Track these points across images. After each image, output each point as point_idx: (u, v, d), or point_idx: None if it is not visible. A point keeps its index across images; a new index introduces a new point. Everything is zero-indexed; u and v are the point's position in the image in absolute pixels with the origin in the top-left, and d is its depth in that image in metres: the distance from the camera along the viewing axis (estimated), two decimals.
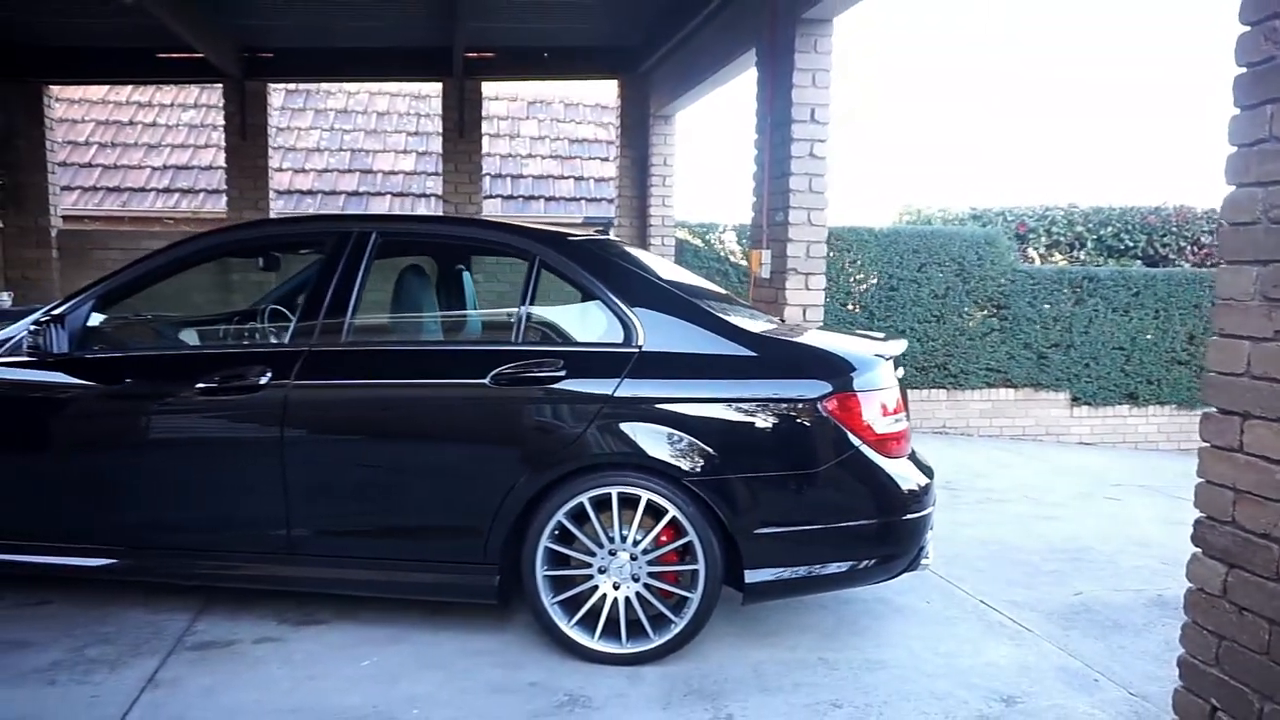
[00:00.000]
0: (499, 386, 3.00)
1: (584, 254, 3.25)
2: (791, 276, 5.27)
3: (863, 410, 2.99)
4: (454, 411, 3.06)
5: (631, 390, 2.97)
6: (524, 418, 3.02)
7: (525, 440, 3.01)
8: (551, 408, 3.01)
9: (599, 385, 2.98)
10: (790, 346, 3.16)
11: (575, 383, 2.99)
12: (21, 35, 7.53)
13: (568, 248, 3.26)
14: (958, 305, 8.91)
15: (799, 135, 5.19)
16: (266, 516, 3.10)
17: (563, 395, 2.99)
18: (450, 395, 3.07)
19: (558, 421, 3.00)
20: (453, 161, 8.57)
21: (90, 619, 3.26)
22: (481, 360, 3.06)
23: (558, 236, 3.33)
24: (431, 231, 3.57)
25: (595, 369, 3.01)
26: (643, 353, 3.02)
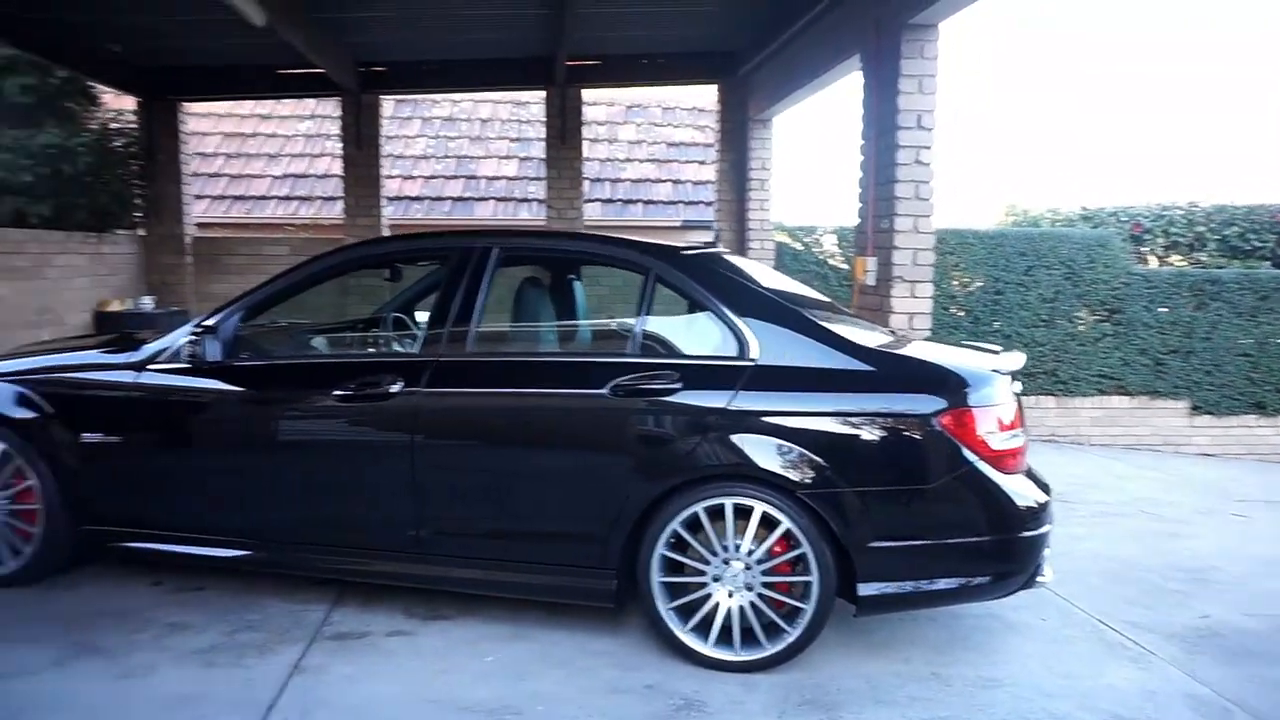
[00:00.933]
0: (617, 397, 3.11)
1: (698, 268, 3.33)
2: (897, 284, 5.23)
3: (978, 426, 2.98)
4: (573, 420, 3.18)
5: (746, 403, 3.03)
6: (641, 428, 3.12)
7: (642, 450, 3.11)
8: (668, 419, 3.10)
9: (714, 398, 3.06)
10: (906, 362, 3.17)
11: (691, 395, 3.07)
12: (160, 57, 8.06)
13: (682, 262, 3.34)
14: (1068, 309, 8.64)
15: (905, 142, 5.14)
16: (397, 517, 3.29)
17: (679, 407, 3.08)
18: (570, 405, 3.20)
19: (673, 433, 3.09)
20: (555, 167, 8.77)
21: (239, 606, 3.52)
22: (600, 371, 3.17)
23: (672, 251, 3.42)
24: (553, 247, 3.72)
25: (710, 382, 3.09)
26: (757, 366, 3.08)
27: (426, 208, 10.73)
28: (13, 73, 6.74)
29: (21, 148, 6.73)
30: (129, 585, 3.70)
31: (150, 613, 3.43)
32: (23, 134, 6.79)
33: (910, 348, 3.43)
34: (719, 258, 3.57)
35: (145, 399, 3.50)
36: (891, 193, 5.21)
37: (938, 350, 3.49)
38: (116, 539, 3.57)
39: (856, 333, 3.31)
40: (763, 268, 3.93)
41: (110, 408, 3.53)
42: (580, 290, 4.37)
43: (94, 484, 3.54)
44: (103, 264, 7.74)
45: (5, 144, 6.68)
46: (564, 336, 3.72)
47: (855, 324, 3.60)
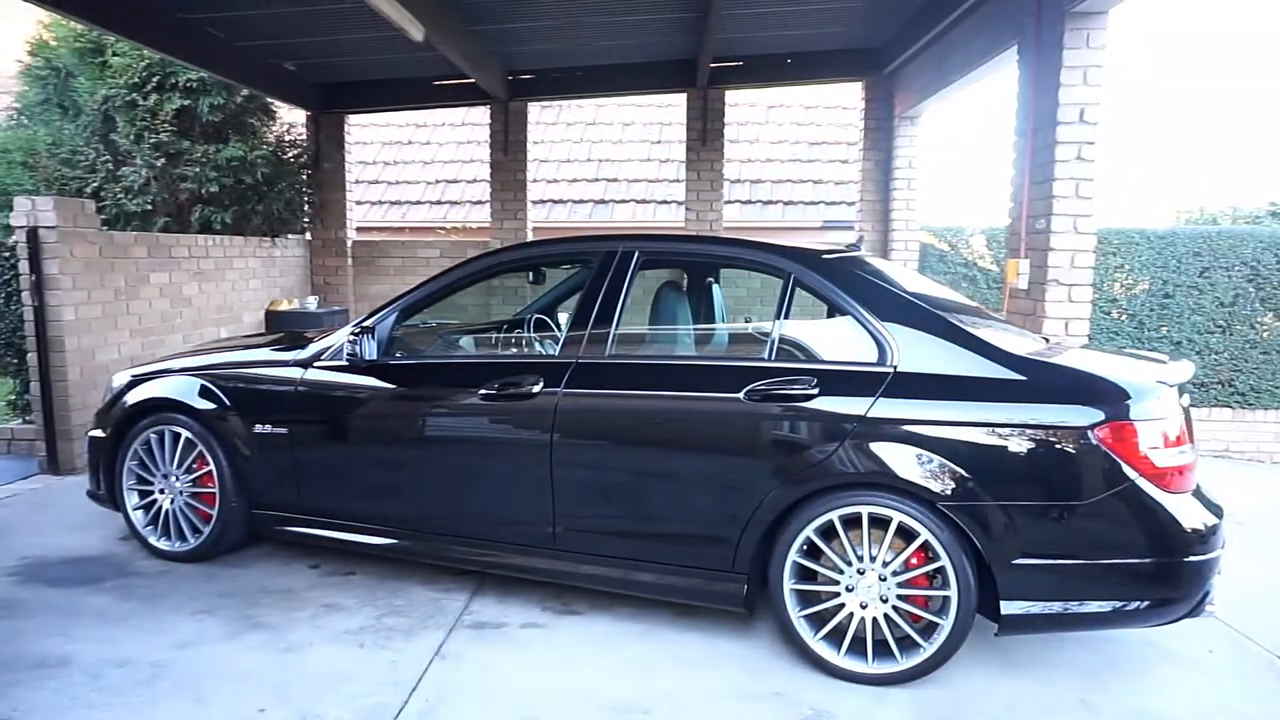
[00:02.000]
0: (752, 402, 3.09)
1: (838, 272, 3.27)
2: (1052, 288, 4.96)
3: (1140, 441, 2.79)
4: (708, 424, 3.19)
5: (885, 410, 2.96)
6: (775, 433, 3.10)
7: (776, 455, 3.08)
8: (803, 425, 3.06)
9: (852, 404, 3.00)
10: (1060, 371, 3.00)
11: (827, 401, 3.03)
12: (327, 74, 8.64)
13: (822, 266, 3.29)
14: (1249, 314, 7.93)
15: (1065, 138, 4.86)
16: (535, 512, 3.40)
17: (814, 413, 3.04)
18: (705, 408, 3.21)
19: (809, 439, 3.05)
20: (695, 170, 8.80)
21: (386, 591, 3.73)
22: (736, 375, 3.17)
23: (813, 255, 3.37)
24: (693, 250, 3.75)
25: (848, 388, 3.03)
26: (898, 373, 3.00)
27: (569, 210, 11.00)
28: (204, 94, 7.38)
29: (210, 161, 7.36)
30: (291, 567, 3.99)
31: (308, 593, 3.69)
32: (212, 148, 7.43)
33: (1065, 355, 3.25)
34: (860, 261, 3.50)
35: (309, 394, 3.76)
36: (1049, 191, 4.94)
37: (1096, 358, 3.29)
38: (281, 523, 3.86)
39: (1006, 339, 3.17)
40: (906, 271, 3.82)
41: (279, 402, 3.82)
42: (719, 293, 4.38)
43: (264, 472, 3.85)
44: (274, 266, 8.36)
45: (197, 157, 7.32)
46: (701, 340, 3.74)
47: (1005, 329, 3.44)
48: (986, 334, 3.12)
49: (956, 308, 3.45)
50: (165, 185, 7.37)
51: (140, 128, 7.18)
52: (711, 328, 3.94)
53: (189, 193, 7.44)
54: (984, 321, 3.45)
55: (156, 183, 7.33)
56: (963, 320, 3.18)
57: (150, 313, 6.44)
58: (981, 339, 3.03)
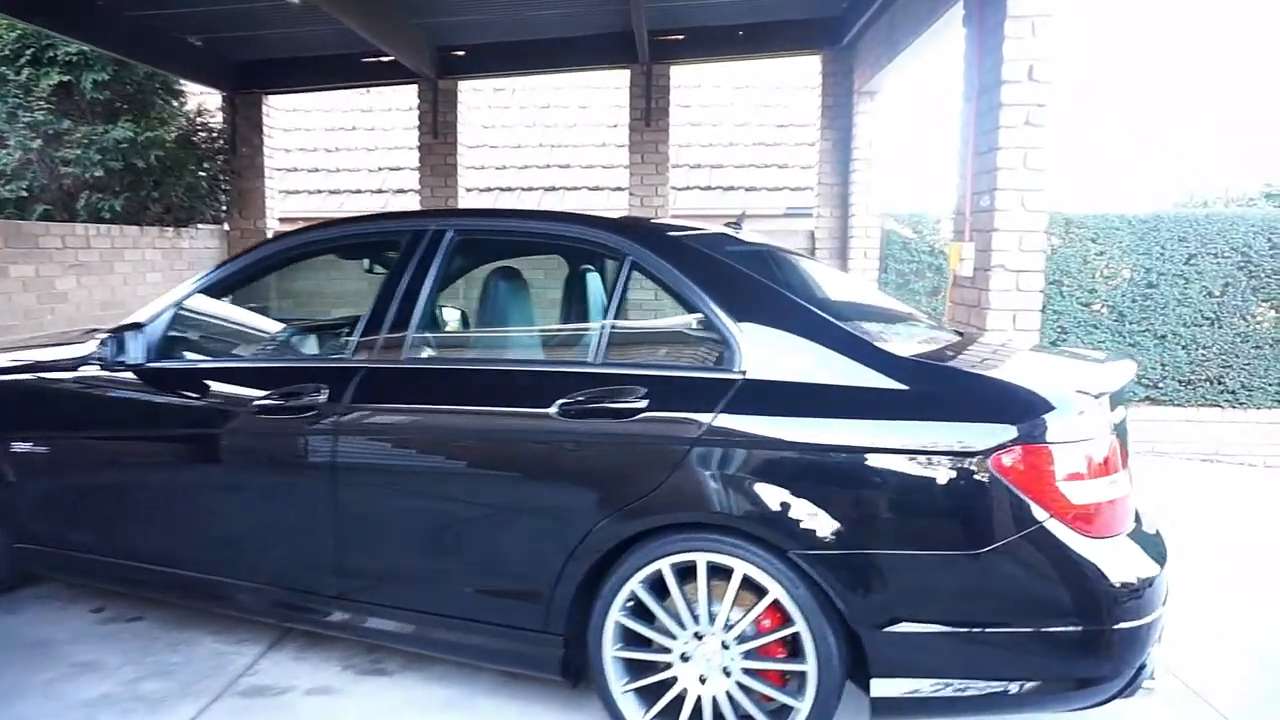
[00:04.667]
0: (565, 419, 2.43)
1: (688, 254, 2.60)
2: (997, 275, 4.27)
3: (1053, 470, 2.12)
4: (511, 447, 2.53)
5: (727, 429, 2.29)
6: (592, 459, 2.44)
7: (593, 487, 2.42)
8: (626, 447, 2.40)
9: (686, 421, 2.34)
10: (953, 378, 2.33)
11: (657, 416, 2.36)
12: (242, 51, 7.99)
13: (667, 247, 2.62)
14: (1240, 305, 7.24)
15: (1011, 99, 4.18)
16: (314, 553, 2.74)
17: (640, 433, 2.37)
18: (509, 426, 2.55)
19: (633, 466, 2.38)
20: (639, 152, 8.13)
21: (167, 644, 3.08)
22: (547, 385, 2.50)
23: (656, 232, 2.71)
24: (513, 229, 3.00)
25: (684, 400, 2.37)
26: (746, 381, 2.33)
27: (516, 198, 10.33)
28: (87, 68, 6.73)
29: (95, 143, 6.71)
30: (69, 611, 3.34)
31: (68, 647, 3.04)
32: (98, 129, 6.78)
33: (970, 356, 2.58)
34: (722, 240, 2.82)
35: (68, 404, 3.11)
36: (993, 162, 4.26)
37: (1019, 360, 2.63)
38: (41, 559, 3.21)
39: (911, 340, 2.53)
40: (803, 259, 3.15)
41: (39, 414, 3.18)
42: (596, 284, 3.70)
43: (26, 499, 3.20)
44: (180, 259, 7.71)
45: (78, 139, 6.68)
46: (523, 341, 3.04)
47: (925, 331, 2.80)
48: (876, 334, 2.45)
49: (854, 308, 2.80)
50: (46, 169, 6.73)
51: (13, 105, 6.52)
52: (527, 329, 3.14)
53: (73, 178, 6.79)
54: (904, 326, 2.81)
55: (35, 166, 6.68)
56: (854, 321, 2.52)
57: (9, 309, 5.80)
58: (856, 338, 2.35)
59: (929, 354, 2.46)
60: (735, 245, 2.83)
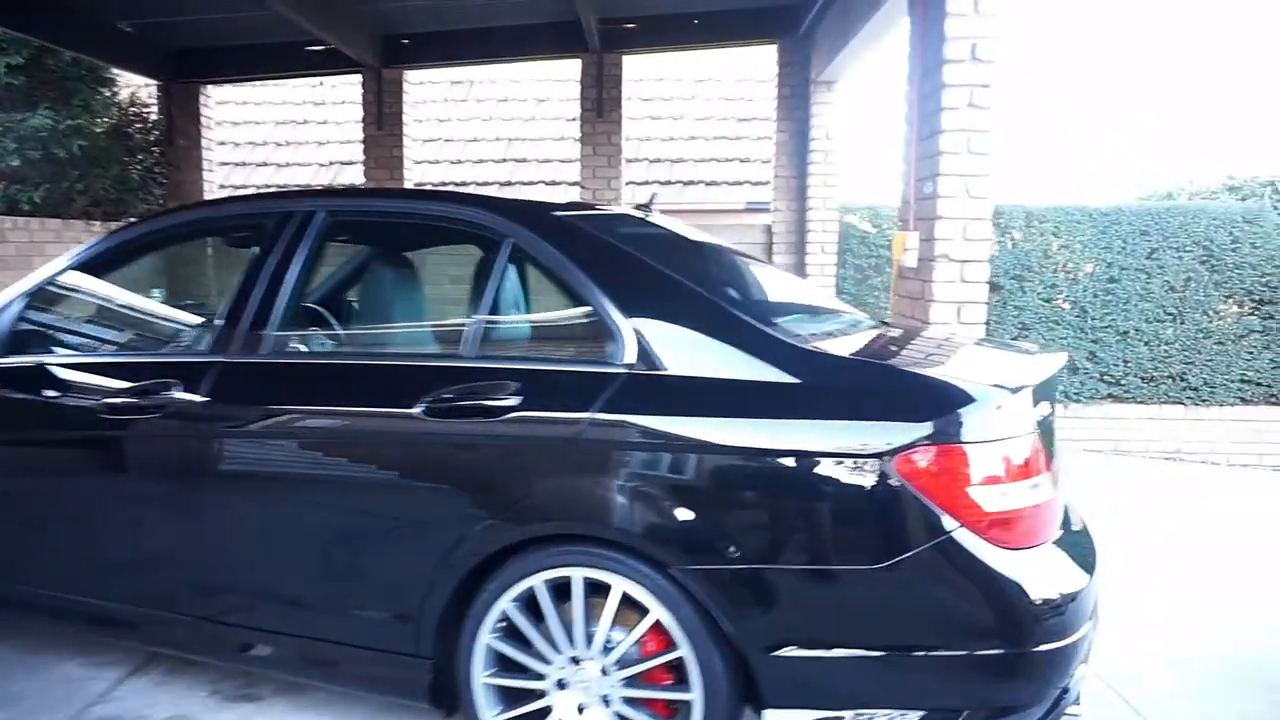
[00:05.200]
0: (432, 418, 2.17)
1: (574, 236, 2.35)
2: (941, 265, 4.05)
3: (965, 473, 1.88)
4: (374, 451, 2.26)
5: (605, 429, 2.05)
6: (459, 463, 2.18)
7: (460, 495, 2.16)
8: (496, 451, 2.14)
9: (561, 421, 2.09)
10: (852, 369, 2.09)
11: (530, 416, 2.11)
12: (178, 38, 7.67)
13: (552, 227, 2.37)
14: (1202, 300, 7.08)
15: (955, 79, 3.96)
16: (168, 572, 2.47)
17: (511, 434, 2.12)
18: (370, 429, 2.28)
19: (503, 471, 2.13)
20: (590, 144, 7.88)
21: (25, 669, 2.80)
22: (413, 382, 2.24)
23: (538, 212, 2.45)
24: (383, 209, 2.71)
25: (560, 397, 2.12)
26: (630, 376, 2.08)
27: None
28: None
29: (10, 131, 6.38)
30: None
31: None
32: (13, 117, 6.45)
33: (881, 349, 2.35)
34: (618, 221, 2.58)
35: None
36: (936, 147, 4.04)
37: (939, 353, 2.40)
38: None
39: (814, 331, 2.30)
40: (715, 244, 2.90)
41: None
42: (513, 275, 3.42)
43: None
44: None
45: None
46: (391, 334, 2.72)
47: (843, 323, 2.58)
48: (780, 322, 2.22)
49: (756, 290, 2.56)
50: None
51: None
52: (407, 320, 2.82)
53: None
54: (821, 318, 2.58)
55: None
56: (749, 304, 2.30)
57: None
58: (749, 326, 2.11)
59: (834, 346, 2.22)
60: (633, 228, 2.58)
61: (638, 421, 2.04)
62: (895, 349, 2.41)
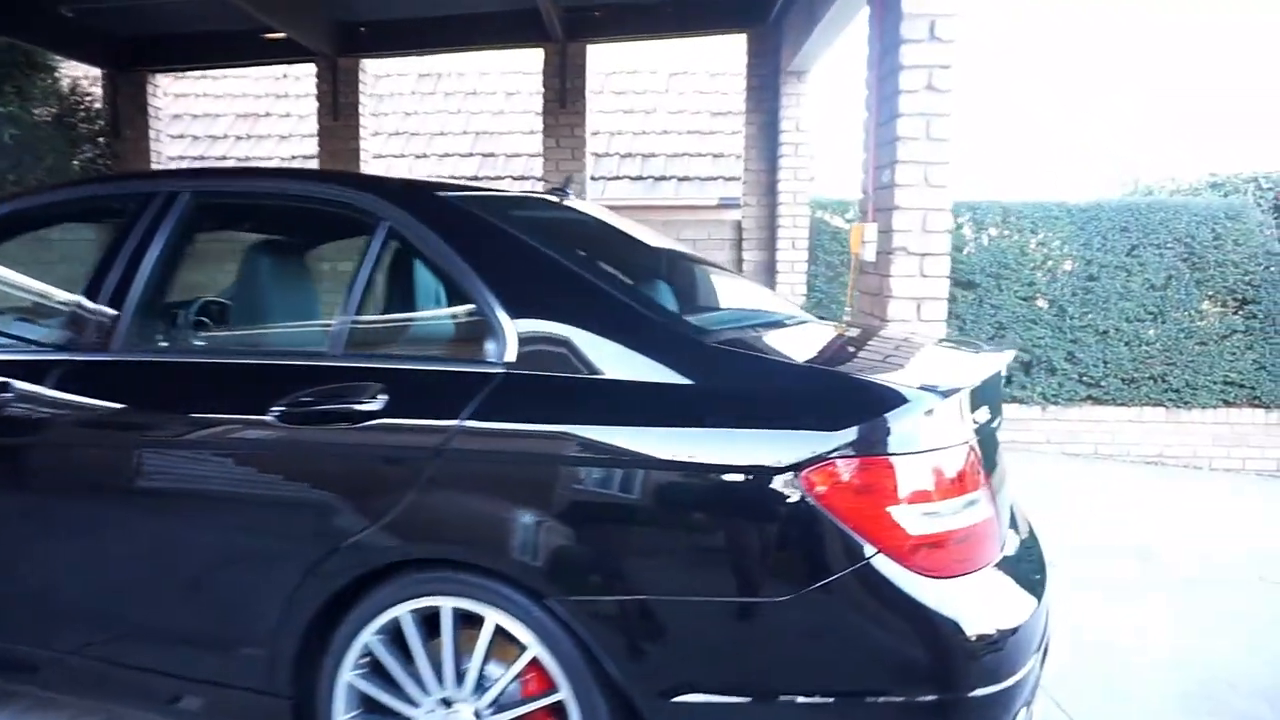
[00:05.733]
0: (286, 425, 1.89)
1: (458, 219, 2.07)
2: (899, 259, 3.79)
3: (885, 490, 1.62)
4: (222, 463, 1.98)
5: (477, 437, 1.77)
6: (316, 477, 1.90)
7: (317, 514, 1.88)
8: (356, 462, 1.87)
9: (429, 429, 1.82)
10: (761, 369, 1.82)
11: (395, 423, 1.84)
12: (126, 25, 7.37)
13: (435, 210, 2.09)
14: (1183, 299, 6.85)
15: (912, 60, 3.70)
16: (9, 597, 2.19)
17: (374, 443, 1.84)
18: (218, 437, 2.00)
19: (364, 485, 1.86)
20: (553, 136, 7.60)
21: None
22: (270, 384, 1.96)
23: (424, 192, 2.18)
24: (248, 190, 2.43)
25: (430, 401, 1.85)
26: (508, 376, 1.81)
27: None
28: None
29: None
30: None
31: None
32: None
33: (802, 344, 2.09)
34: (515, 204, 2.31)
35: None
36: (893, 132, 3.78)
37: (867, 349, 2.14)
38: None
39: (715, 327, 2.03)
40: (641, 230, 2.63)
41: None
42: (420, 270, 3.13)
43: None
44: (50, 250, 7.04)
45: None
46: (255, 330, 2.39)
47: (772, 316, 2.32)
48: (694, 318, 1.96)
49: (676, 281, 2.30)
50: None
51: None
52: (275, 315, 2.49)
53: None
54: (738, 302, 2.32)
55: None
56: (657, 297, 2.03)
57: None
58: (645, 318, 1.84)
59: (750, 344, 1.95)
60: (534, 212, 2.31)
61: (514, 428, 1.77)
62: (824, 347, 2.15)
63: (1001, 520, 1.90)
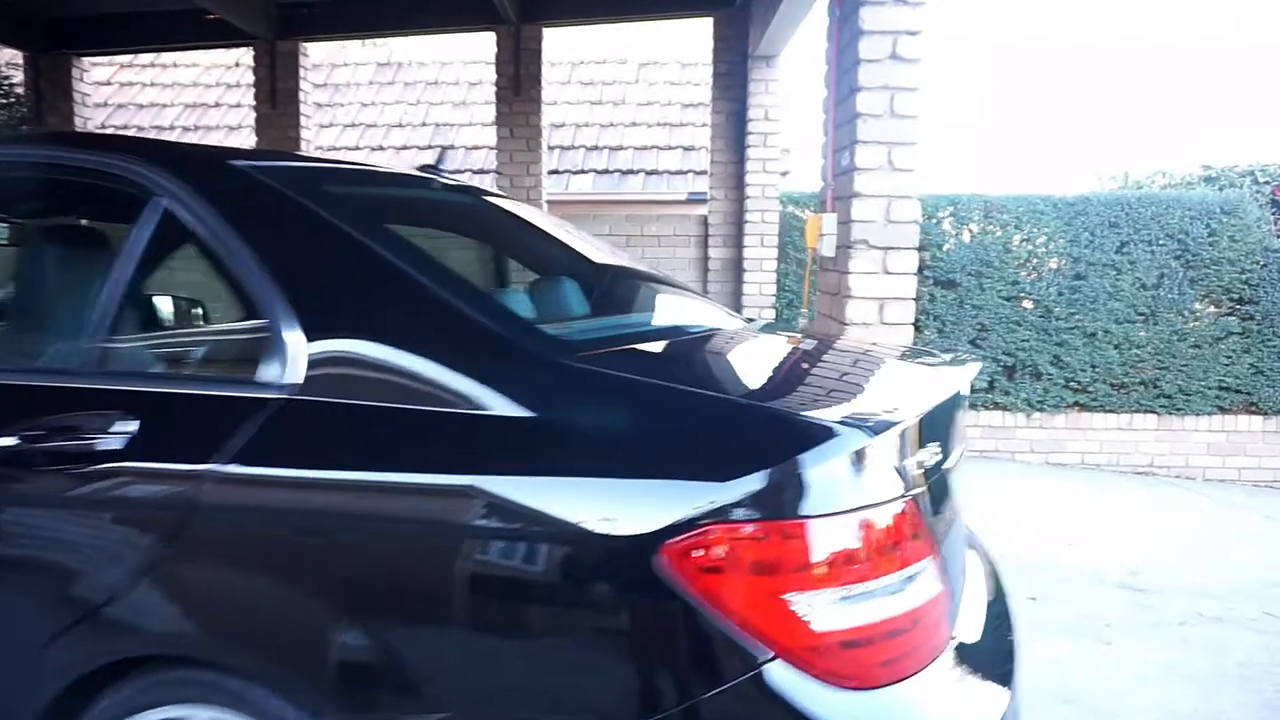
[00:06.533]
0: (5, 467, 1.41)
1: (251, 193, 1.58)
2: (860, 253, 3.33)
3: (784, 571, 1.15)
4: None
5: (242, 489, 1.30)
6: (35, 539, 1.42)
7: (35, 590, 1.40)
8: (87, 518, 1.39)
9: (179, 474, 1.34)
10: (627, 393, 1.34)
11: (138, 467, 1.36)
12: (49, 5, 6.87)
13: (218, 180, 1.60)
14: (1176, 299, 6.43)
15: (874, 24, 3.24)
16: None
17: (109, 494, 1.37)
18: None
19: (96, 550, 1.38)
20: (507, 125, 7.11)
21: None
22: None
23: (209, 161, 1.68)
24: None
25: (184, 437, 1.37)
26: (289, 404, 1.34)
27: None
28: None
29: None
30: None
31: None
32: None
33: (701, 360, 1.62)
34: (342, 179, 1.82)
35: None
36: (853, 109, 3.32)
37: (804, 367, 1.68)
38: None
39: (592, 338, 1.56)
40: (504, 214, 2.16)
41: None
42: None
43: None
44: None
45: None
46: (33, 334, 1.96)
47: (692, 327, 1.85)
48: (539, 321, 1.49)
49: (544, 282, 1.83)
50: None
51: None
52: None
53: None
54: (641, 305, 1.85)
55: None
56: (511, 299, 1.56)
57: None
58: (484, 330, 1.37)
59: (623, 360, 1.48)
60: (374, 190, 1.83)
61: (288, 476, 1.30)
62: (729, 364, 1.67)
63: (955, 593, 1.44)
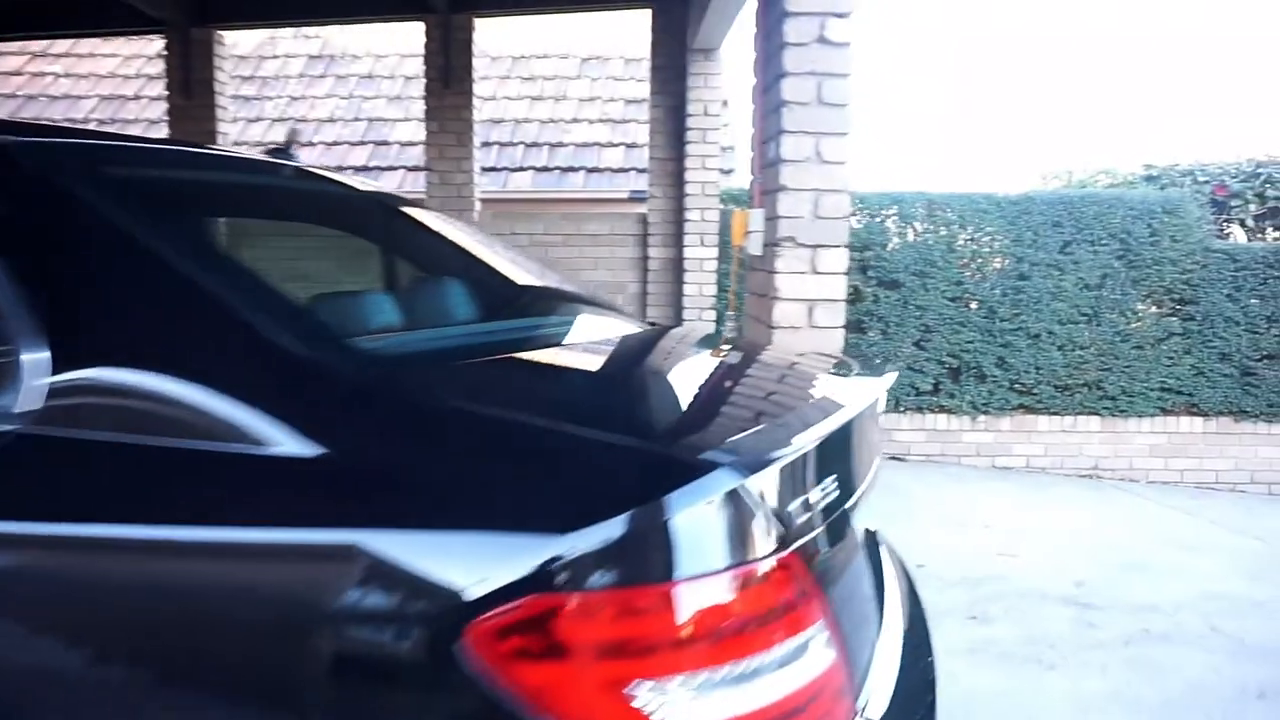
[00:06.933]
0: None
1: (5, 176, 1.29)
2: (786, 252, 3.10)
3: (641, 650, 0.90)
4: None
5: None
6: None
7: None
8: None
9: None
10: (446, 422, 1.08)
11: None
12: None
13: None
14: (1119, 299, 6.34)
15: (800, 5, 3.02)
16: None
17: None
18: None
19: None
20: (436, 120, 6.80)
21: None
22: None
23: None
24: None
25: None
26: (22, 439, 1.05)
27: None
28: None
29: None
30: None
31: None
32: None
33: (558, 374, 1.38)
34: (133, 159, 1.53)
35: None
36: (779, 97, 3.09)
37: (685, 379, 1.44)
38: None
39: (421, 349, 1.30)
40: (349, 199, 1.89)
41: None
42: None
43: None
44: None
45: None
46: None
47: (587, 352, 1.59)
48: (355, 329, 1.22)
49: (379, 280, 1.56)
50: None
51: None
52: None
53: None
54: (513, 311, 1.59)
55: None
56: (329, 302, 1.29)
57: None
58: (262, 340, 1.09)
59: (450, 379, 1.22)
60: (167, 171, 1.55)
61: (14, 532, 1.01)
62: (593, 380, 1.42)
63: (856, 661, 1.20)
